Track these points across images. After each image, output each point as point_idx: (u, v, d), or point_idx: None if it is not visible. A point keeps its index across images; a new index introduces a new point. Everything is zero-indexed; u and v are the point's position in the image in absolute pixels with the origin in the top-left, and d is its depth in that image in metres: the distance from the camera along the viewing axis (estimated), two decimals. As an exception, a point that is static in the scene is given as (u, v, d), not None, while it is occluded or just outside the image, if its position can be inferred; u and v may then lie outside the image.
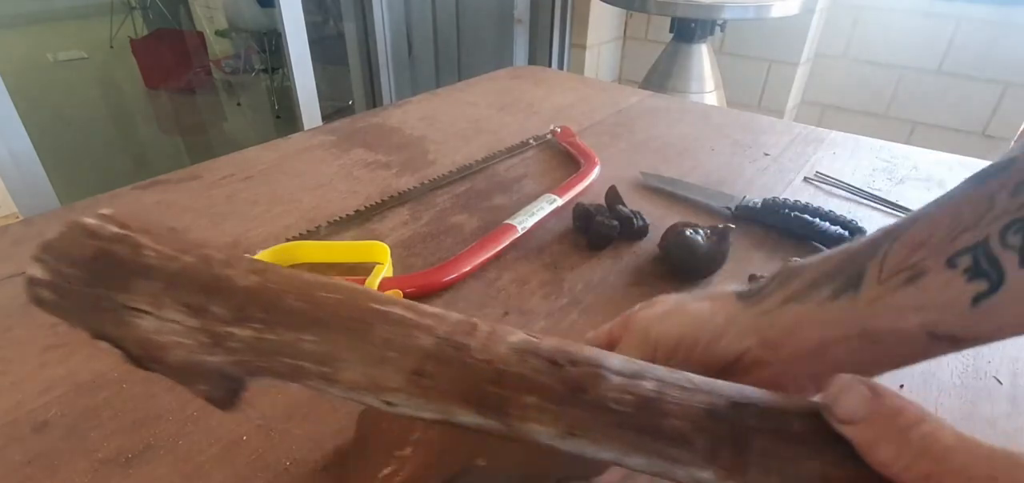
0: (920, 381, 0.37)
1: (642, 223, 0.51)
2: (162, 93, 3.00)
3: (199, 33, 3.06)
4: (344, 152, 0.68)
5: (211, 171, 0.62)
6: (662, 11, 1.46)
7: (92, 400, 0.34)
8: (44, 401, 0.34)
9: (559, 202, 0.53)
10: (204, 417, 0.33)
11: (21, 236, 0.50)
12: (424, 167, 0.64)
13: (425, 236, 0.51)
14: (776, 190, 0.59)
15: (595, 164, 0.62)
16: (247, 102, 2.96)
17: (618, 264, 0.48)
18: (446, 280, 0.44)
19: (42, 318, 0.40)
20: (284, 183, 0.60)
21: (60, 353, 0.38)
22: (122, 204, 0.55)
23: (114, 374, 0.36)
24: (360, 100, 2.19)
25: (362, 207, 0.55)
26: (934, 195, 0.20)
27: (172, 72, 2.91)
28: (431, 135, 0.73)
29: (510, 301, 0.43)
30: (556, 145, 0.70)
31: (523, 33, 1.99)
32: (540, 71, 1.02)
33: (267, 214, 0.54)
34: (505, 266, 0.47)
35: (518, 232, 0.49)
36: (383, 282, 0.42)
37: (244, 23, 2.78)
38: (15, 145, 0.98)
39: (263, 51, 2.80)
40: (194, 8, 3.15)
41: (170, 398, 0.34)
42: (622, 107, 0.84)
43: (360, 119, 0.78)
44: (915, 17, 1.63)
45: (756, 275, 0.44)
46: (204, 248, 0.21)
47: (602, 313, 0.42)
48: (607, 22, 2.01)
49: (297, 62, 1.42)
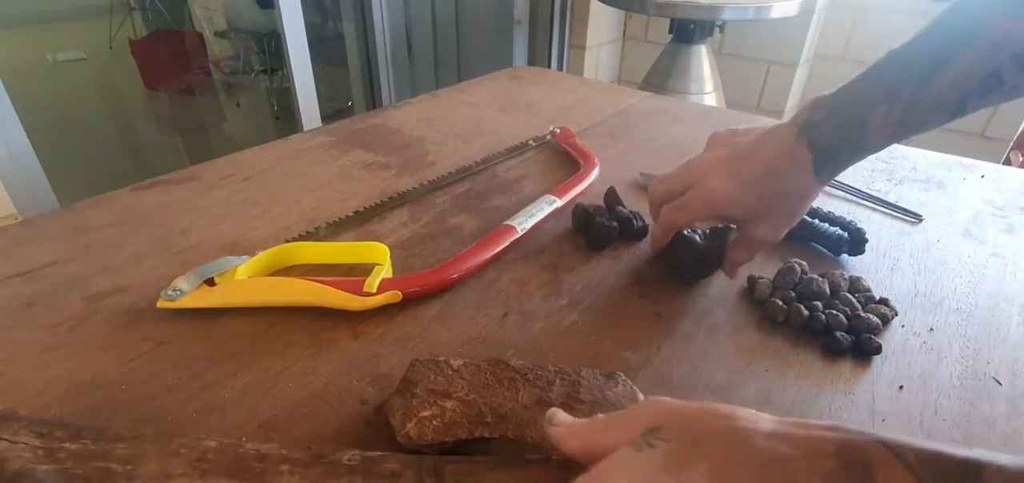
0: (919, 382, 0.37)
1: (641, 224, 0.51)
2: (161, 94, 3.00)
3: (198, 34, 3.06)
4: (343, 153, 0.68)
5: (210, 172, 0.62)
6: (661, 12, 1.46)
7: (91, 401, 0.34)
8: (43, 402, 0.34)
9: (558, 203, 0.53)
10: (203, 418, 0.33)
11: (20, 237, 0.50)
12: (424, 168, 0.64)
13: (424, 237, 0.51)
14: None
15: (594, 165, 0.62)
16: (246, 103, 2.96)
17: (618, 265, 0.48)
18: (446, 281, 0.44)
19: (41, 319, 0.40)
20: (283, 184, 0.60)
21: (59, 354, 0.38)
22: (121, 204, 0.55)
23: (113, 375, 0.36)
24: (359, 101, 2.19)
25: (361, 208, 0.55)
26: (934, 195, 0.20)
27: (171, 73, 2.91)
28: (431, 136, 0.73)
29: (509, 302, 0.43)
30: (555, 146, 0.70)
31: (522, 34, 1.99)
32: (539, 72, 1.02)
33: (266, 215, 0.54)
34: (505, 267, 0.47)
35: (517, 233, 0.49)
36: (382, 283, 0.41)
37: (243, 24, 2.78)
38: (14, 146, 0.98)
39: (262, 52, 2.80)
40: (193, 9, 3.15)
41: (169, 399, 0.34)
42: (621, 108, 0.84)
43: (360, 120, 0.78)
44: (915, 17, 1.63)
45: (755, 276, 0.44)
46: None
47: (602, 314, 0.42)
48: (606, 23, 2.01)
49: (297, 63, 1.42)
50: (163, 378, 0.36)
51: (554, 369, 0.33)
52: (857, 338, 0.39)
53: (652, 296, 0.44)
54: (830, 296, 0.42)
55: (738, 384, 0.36)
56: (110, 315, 0.41)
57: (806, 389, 0.36)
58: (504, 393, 0.31)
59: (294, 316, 0.41)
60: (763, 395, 0.35)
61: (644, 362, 0.38)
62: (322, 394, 0.35)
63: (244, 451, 0.26)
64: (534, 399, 0.31)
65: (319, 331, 0.40)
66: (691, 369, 0.37)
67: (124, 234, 0.51)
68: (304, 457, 0.26)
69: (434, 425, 0.29)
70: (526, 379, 0.32)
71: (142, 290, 0.43)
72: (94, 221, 0.52)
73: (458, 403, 0.30)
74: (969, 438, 0.33)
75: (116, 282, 0.44)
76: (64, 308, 0.42)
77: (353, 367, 0.37)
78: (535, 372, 0.32)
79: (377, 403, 0.34)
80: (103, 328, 0.40)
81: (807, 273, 0.44)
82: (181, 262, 0.47)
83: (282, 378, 0.36)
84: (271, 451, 0.27)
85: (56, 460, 0.26)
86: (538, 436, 0.29)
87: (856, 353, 0.39)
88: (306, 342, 0.39)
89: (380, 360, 0.38)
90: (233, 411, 0.34)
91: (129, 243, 0.49)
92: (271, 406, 0.34)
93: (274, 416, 0.33)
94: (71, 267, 0.46)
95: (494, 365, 0.33)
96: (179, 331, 0.40)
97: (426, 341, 0.40)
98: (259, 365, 0.37)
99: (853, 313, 0.40)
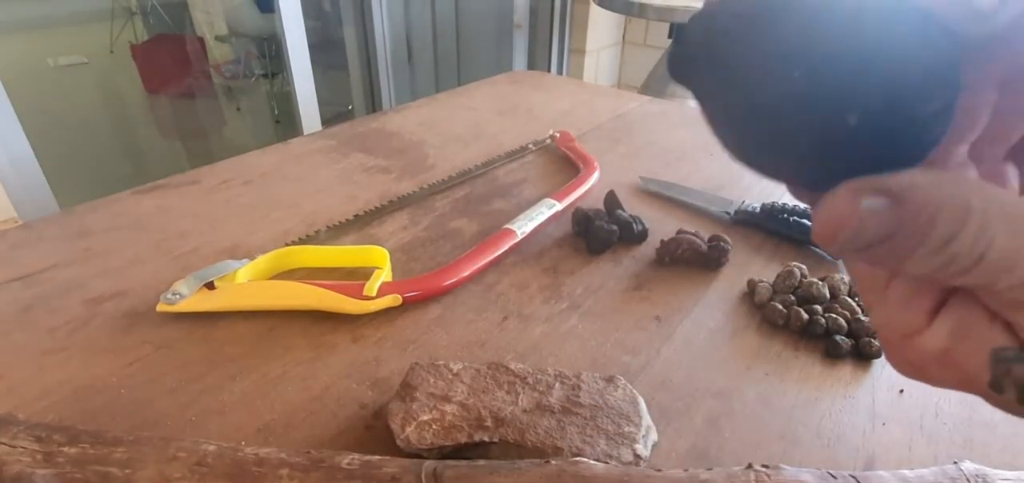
0: (920, 385, 0.36)
1: (641, 228, 0.51)
2: (162, 98, 3.01)
3: (199, 38, 3.07)
4: (343, 157, 0.68)
5: (210, 176, 0.62)
6: (661, 17, 1.47)
7: (90, 404, 0.34)
8: (42, 406, 0.34)
9: (558, 207, 0.54)
10: (203, 421, 0.33)
11: (20, 241, 0.50)
12: (423, 172, 0.64)
13: (424, 241, 0.51)
14: (775, 195, 0.59)
15: (594, 169, 0.62)
16: (247, 107, 2.97)
17: (617, 269, 0.48)
18: (445, 285, 0.44)
19: (40, 323, 0.40)
20: (283, 188, 0.60)
21: (58, 358, 0.38)
22: (121, 208, 0.55)
23: (112, 379, 0.36)
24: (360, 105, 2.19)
25: (361, 212, 0.55)
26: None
27: (172, 77, 2.92)
28: (430, 140, 0.73)
29: (509, 306, 0.43)
30: (555, 150, 0.70)
31: (522, 38, 2.00)
32: (539, 76, 1.02)
33: (266, 219, 0.54)
34: (504, 271, 0.47)
35: (517, 237, 0.49)
36: (382, 287, 0.41)
37: (244, 28, 2.79)
38: (15, 149, 0.98)
39: (263, 56, 2.80)
40: (194, 13, 3.16)
41: (168, 403, 0.34)
42: (621, 112, 0.84)
43: (360, 124, 0.78)
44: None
45: (755, 280, 0.44)
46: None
47: (602, 318, 0.42)
48: (606, 27, 2.02)
49: (297, 67, 1.42)
50: (162, 382, 0.36)
51: (554, 373, 0.33)
52: (857, 342, 0.39)
53: (652, 300, 0.44)
54: (830, 299, 0.42)
55: (738, 387, 0.36)
56: (109, 319, 0.41)
57: (806, 393, 0.36)
58: (504, 397, 0.31)
59: (294, 320, 0.41)
60: (763, 399, 0.35)
61: (644, 365, 0.38)
62: (321, 398, 0.35)
63: (243, 455, 0.27)
64: (534, 403, 0.31)
65: (319, 335, 0.40)
66: (691, 373, 0.37)
67: (124, 238, 0.51)
68: (303, 461, 0.26)
69: (434, 429, 0.29)
70: (526, 383, 0.32)
71: (142, 294, 0.43)
72: (94, 225, 0.52)
73: (458, 407, 0.30)
74: (970, 442, 0.33)
75: (116, 286, 0.44)
76: (63, 312, 0.42)
77: (352, 371, 0.37)
78: (535, 376, 0.32)
79: (376, 407, 0.34)
80: (102, 332, 0.40)
81: (807, 277, 0.43)
82: (181, 266, 0.47)
83: (281, 382, 0.36)
84: (270, 455, 0.27)
85: (55, 464, 0.26)
86: (538, 440, 0.29)
87: (856, 357, 0.38)
88: (306, 346, 0.39)
89: (380, 364, 0.38)
90: (232, 415, 0.34)
91: (129, 247, 0.49)
92: (270, 410, 0.34)
93: (273, 420, 0.33)
94: (71, 271, 0.46)
95: (494, 369, 0.33)
96: (178, 335, 0.40)
97: (426, 345, 0.39)
98: (258, 369, 0.37)
99: (853, 317, 0.40)
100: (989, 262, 0.11)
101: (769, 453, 0.32)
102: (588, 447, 0.28)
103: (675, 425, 0.33)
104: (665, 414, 0.34)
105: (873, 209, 0.12)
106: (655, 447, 0.31)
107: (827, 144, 0.12)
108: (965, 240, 0.11)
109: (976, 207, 0.11)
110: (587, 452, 0.28)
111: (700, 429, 0.33)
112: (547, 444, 0.29)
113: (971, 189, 0.12)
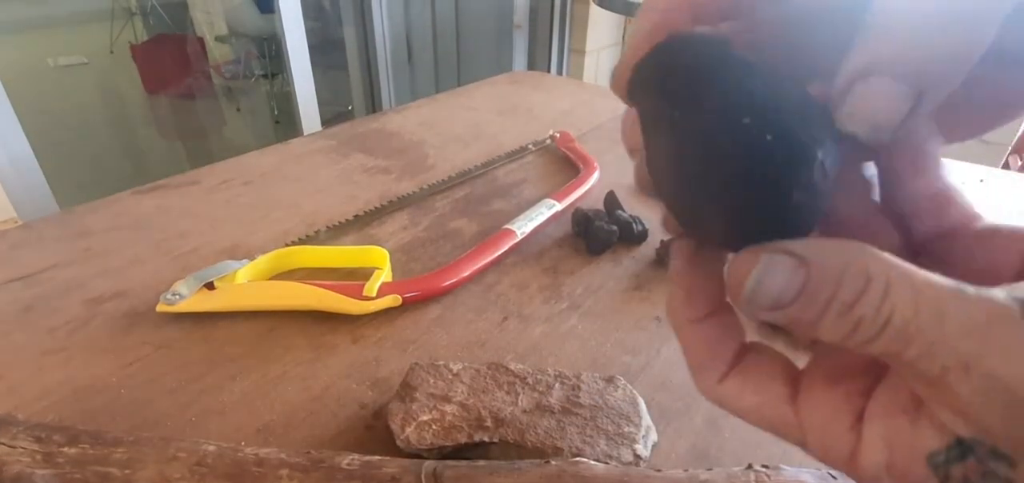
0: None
1: (641, 228, 0.51)
2: (162, 98, 3.01)
3: (199, 38, 3.07)
4: (343, 157, 0.68)
5: (210, 176, 0.62)
6: (661, 17, 1.47)
7: (89, 405, 0.34)
8: (42, 406, 0.34)
9: (558, 207, 0.54)
10: (203, 422, 0.33)
11: (20, 241, 0.50)
12: (423, 172, 0.64)
13: (424, 241, 0.52)
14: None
15: (594, 169, 0.62)
16: (247, 107, 2.97)
17: (617, 269, 0.48)
18: (445, 285, 0.44)
19: (41, 323, 0.40)
20: (283, 188, 0.60)
21: (58, 358, 0.38)
22: (121, 208, 0.55)
23: (112, 379, 0.36)
24: (360, 105, 2.19)
25: (361, 212, 0.55)
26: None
27: (172, 77, 2.92)
28: (430, 140, 0.73)
29: (509, 306, 0.43)
30: (555, 150, 0.70)
31: (522, 38, 2.00)
32: (539, 76, 1.02)
33: (266, 219, 0.54)
34: (504, 271, 0.47)
35: (517, 237, 0.49)
36: (382, 287, 0.41)
37: (244, 28, 2.79)
38: (14, 149, 0.98)
39: (263, 56, 2.80)
40: (194, 13, 3.16)
41: (168, 403, 0.34)
42: (621, 112, 0.84)
43: (360, 124, 0.78)
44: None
45: None
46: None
47: (602, 318, 0.42)
48: (606, 28, 2.02)
49: (297, 67, 1.42)
50: (162, 382, 0.36)
51: (554, 373, 0.33)
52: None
53: (652, 300, 0.44)
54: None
55: (738, 388, 0.36)
56: (109, 319, 0.41)
57: (806, 393, 0.36)
58: (504, 397, 0.31)
59: (293, 320, 0.41)
60: (763, 399, 0.35)
61: (644, 365, 0.38)
62: (321, 398, 0.35)
63: (243, 455, 0.27)
64: (534, 403, 0.31)
65: (318, 335, 0.40)
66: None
67: (124, 238, 0.51)
68: (303, 461, 0.26)
69: (433, 429, 0.29)
70: (526, 383, 0.32)
71: (141, 294, 0.43)
72: (94, 225, 0.52)
73: (457, 407, 0.30)
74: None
75: (115, 286, 0.44)
76: (63, 312, 0.42)
77: (352, 371, 0.37)
78: (535, 376, 0.32)
79: (376, 407, 0.34)
80: (102, 332, 0.40)
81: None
82: (181, 266, 0.47)
83: (281, 382, 0.36)
84: (270, 455, 0.27)
85: (54, 465, 0.26)
86: (538, 440, 0.29)
87: (856, 357, 0.38)
88: (305, 346, 0.39)
89: (379, 364, 0.38)
90: (232, 415, 0.34)
91: (129, 247, 0.49)
92: (270, 410, 0.34)
93: (273, 420, 0.33)
94: (70, 271, 0.46)
95: (494, 369, 0.33)
96: (178, 335, 0.40)
97: (426, 345, 0.40)
98: (258, 369, 0.37)
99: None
100: (894, 328, 0.12)
101: (769, 453, 0.32)
102: (588, 447, 0.28)
103: (675, 425, 0.33)
104: (665, 414, 0.34)
105: (774, 263, 0.13)
106: (655, 447, 0.31)
107: (733, 207, 0.13)
108: (868, 304, 0.12)
109: (876, 274, 0.12)
110: (587, 452, 0.28)
111: (700, 429, 0.33)
112: (547, 444, 0.29)
113: (872, 258, 0.12)
